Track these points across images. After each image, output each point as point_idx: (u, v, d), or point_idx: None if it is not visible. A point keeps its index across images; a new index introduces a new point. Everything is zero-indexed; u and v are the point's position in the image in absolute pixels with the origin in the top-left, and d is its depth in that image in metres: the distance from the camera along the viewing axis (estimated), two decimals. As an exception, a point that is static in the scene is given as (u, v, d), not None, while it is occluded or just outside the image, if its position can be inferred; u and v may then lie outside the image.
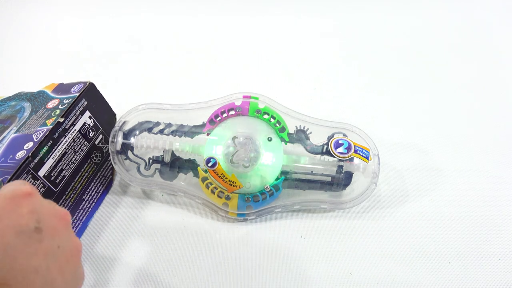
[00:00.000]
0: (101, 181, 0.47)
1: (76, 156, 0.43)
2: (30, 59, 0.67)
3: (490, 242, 0.44)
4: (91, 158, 0.45)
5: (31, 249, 0.25)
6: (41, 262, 0.25)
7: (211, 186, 0.43)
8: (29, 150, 0.37)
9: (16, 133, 0.41)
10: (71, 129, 0.42)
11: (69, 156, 0.42)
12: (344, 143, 0.43)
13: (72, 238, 0.29)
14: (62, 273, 0.27)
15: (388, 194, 0.48)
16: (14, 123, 0.44)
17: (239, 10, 0.75)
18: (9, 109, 0.48)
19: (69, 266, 0.28)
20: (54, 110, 0.42)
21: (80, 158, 0.43)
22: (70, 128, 0.41)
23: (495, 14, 0.73)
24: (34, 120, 0.42)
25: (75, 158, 0.43)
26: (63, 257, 0.27)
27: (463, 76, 0.63)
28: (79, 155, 0.43)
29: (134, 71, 0.64)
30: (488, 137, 0.54)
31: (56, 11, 0.75)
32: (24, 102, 0.48)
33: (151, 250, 0.43)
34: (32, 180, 0.38)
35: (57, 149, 0.40)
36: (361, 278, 0.41)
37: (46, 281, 0.25)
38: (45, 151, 0.38)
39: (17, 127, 0.43)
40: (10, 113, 0.47)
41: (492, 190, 0.48)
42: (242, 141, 0.42)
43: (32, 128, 0.41)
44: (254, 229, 0.45)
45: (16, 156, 0.37)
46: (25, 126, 0.42)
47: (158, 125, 0.45)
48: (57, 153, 0.40)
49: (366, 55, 0.67)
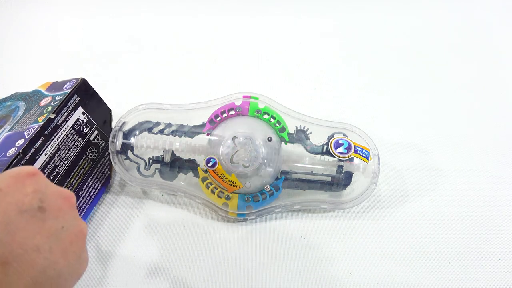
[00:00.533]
0: (98, 177, 0.47)
1: (71, 152, 0.42)
2: (30, 59, 0.67)
3: (490, 242, 0.44)
4: (87, 154, 0.45)
5: (33, 228, 0.25)
6: (43, 241, 0.25)
7: (211, 186, 0.43)
8: (20, 147, 0.37)
9: (9, 132, 0.41)
10: (64, 125, 0.41)
11: (62, 152, 0.41)
12: (344, 143, 0.43)
13: (77, 220, 0.28)
14: (66, 255, 0.26)
15: (388, 194, 0.48)
16: (8, 122, 0.44)
17: (239, 10, 0.75)
18: (4, 109, 0.48)
19: (73, 248, 0.27)
20: (46, 107, 0.42)
21: (75, 154, 0.43)
22: (63, 124, 0.41)
23: (495, 14, 0.73)
24: (27, 118, 0.42)
25: (70, 154, 0.42)
26: (67, 239, 0.27)
27: (463, 76, 0.63)
28: (73, 151, 0.43)
29: (134, 71, 0.64)
30: (488, 137, 0.54)
31: (56, 11, 0.75)
32: (19, 101, 0.48)
33: (151, 250, 0.43)
34: None
35: (49, 145, 0.39)
36: (361, 278, 0.41)
37: (48, 262, 0.25)
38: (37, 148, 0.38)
39: (10, 125, 0.43)
40: (5, 113, 0.47)
41: (492, 190, 0.48)
42: (242, 141, 0.42)
43: (24, 125, 0.40)
44: (254, 229, 0.45)
45: (7, 153, 0.37)
46: (18, 124, 0.42)
47: (158, 125, 0.45)
48: (50, 150, 0.39)
49: (366, 55, 0.67)
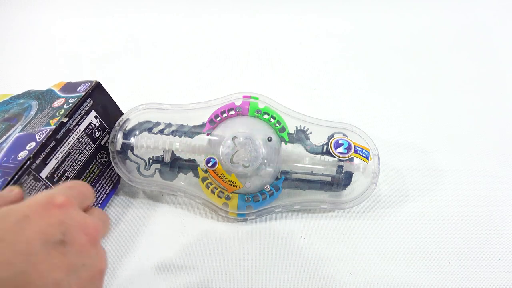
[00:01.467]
0: (108, 182, 0.46)
1: (81, 157, 0.42)
2: (30, 59, 0.67)
3: (490, 242, 0.44)
4: (97, 158, 0.44)
5: (54, 261, 0.24)
6: (63, 276, 0.24)
7: (211, 186, 0.43)
8: (31, 151, 0.36)
9: (20, 132, 0.41)
10: (76, 129, 0.40)
11: (73, 156, 0.41)
12: (344, 143, 0.43)
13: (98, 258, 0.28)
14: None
15: (388, 194, 0.48)
16: (20, 121, 0.44)
17: (239, 9, 0.75)
18: (17, 107, 0.47)
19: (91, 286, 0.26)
20: (59, 109, 0.41)
21: (85, 158, 0.42)
22: (75, 128, 0.40)
23: (494, 14, 0.73)
24: (39, 119, 0.42)
25: (80, 159, 0.42)
26: (87, 277, 0.26)
27: (464, 76, 0.63)
28: (84, 155, 0.42)
29: (134, 71, 0.64)
30: (489, 137, 0.54)
31: (56, 11, 0.75)
32: (32, 100, 0.47)
33: (151, 250, 0.43)
34: (34, 181, 0.37)
35: (61, 150, 0.39)
36: (361, 278, 0.41)
37: None
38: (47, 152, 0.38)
39: (22, 125, 0.42)
40: (17, 111, 0.46)
41: (492, 190, 0.48)
42: (242, 141, 0.42)
43: (36, 127, 0.40)
44: (254, 229, 0.45)
45: (18, 156, 0.37)
46: (30, 125, 0.41)
47: (158, 125, 0.45)
48: (61, 154, 0.39)
49: (366, 55, 0.67)
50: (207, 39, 0.69)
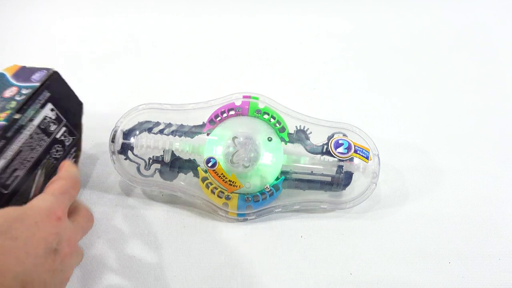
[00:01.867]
0: None
1: (33, 154, 0.37)
2: (30, 59, 0.66)
3: (490, 242, 0.44)
4: (51, 153, 0.40)
5: (47, 265, 0.29)
6: (50, 279, 0.29)
7: (211, 186, 0.43)
8: None
9: None
10: (29, 124, 0.36)
11: (24, 154, 0.36)
12: (344, 143, 0.43)
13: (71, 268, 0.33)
14: None
15: (388, 194, 0.48)
16: None
17: (239, 9, 0.75)
18: None
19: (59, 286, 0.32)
20: (10, 101, 0.36)
21: (38, 155, 0.38)
22: (28, 124, 0.36)
23: (494, 14, 0.73)
24: None
25: (31, 156, 0.37)
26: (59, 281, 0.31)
27: (464, 76, 0.63)
28: (36, 151, 0.38)
29: (134, 71, 0.64)
30: (489, 137, 0.54)
31: (56, 11, 0.75)
32: None
33: (151, 250, 0.43)
34: None
35: (10, 149, 0.35)
36: (361, 278, 0.41)
37: None
38: None
39: None
40: None
41: (492, 190, 0.48)
42: (242, 141, 0.42)
43: None
44: (254, 229, 0.45)
45: None
46: None
47: (158, 125, 0.45)
48: (10, 153, 0.35)
49: (366, 55, 0.67)
50: (207, 39, 0.69)
